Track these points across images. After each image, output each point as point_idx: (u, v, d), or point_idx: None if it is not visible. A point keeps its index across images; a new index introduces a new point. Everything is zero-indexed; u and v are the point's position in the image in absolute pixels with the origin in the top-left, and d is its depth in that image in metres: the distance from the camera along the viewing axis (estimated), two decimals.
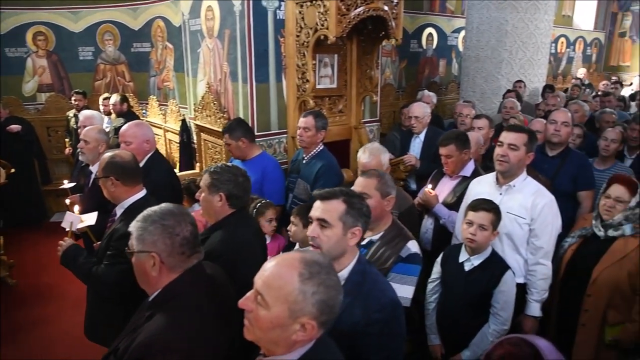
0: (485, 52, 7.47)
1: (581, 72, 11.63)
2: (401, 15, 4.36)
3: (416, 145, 4.67)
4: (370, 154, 3.17)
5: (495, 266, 2.67)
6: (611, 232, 2.81)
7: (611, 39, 14.47)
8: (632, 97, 8.22)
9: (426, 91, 5.95)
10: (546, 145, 3.79)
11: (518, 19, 7.23)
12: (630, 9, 14.06)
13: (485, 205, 2.66)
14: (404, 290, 2.39)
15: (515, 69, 7.38)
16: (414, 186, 4.57)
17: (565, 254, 3.02)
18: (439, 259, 2.96)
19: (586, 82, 11.04)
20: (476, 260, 2.70)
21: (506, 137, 2.87)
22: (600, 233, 2.85)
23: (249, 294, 1.37)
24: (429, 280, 2.98)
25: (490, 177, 3.06)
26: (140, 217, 1.73)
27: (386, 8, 4.16)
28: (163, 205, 1.78)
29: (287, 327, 1.32)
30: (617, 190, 2.79)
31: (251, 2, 4.25)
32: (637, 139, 4.17)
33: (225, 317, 1.73)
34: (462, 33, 8.79)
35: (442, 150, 3.41)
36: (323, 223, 1.89)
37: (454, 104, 7.57)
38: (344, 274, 1.88)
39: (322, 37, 4.01)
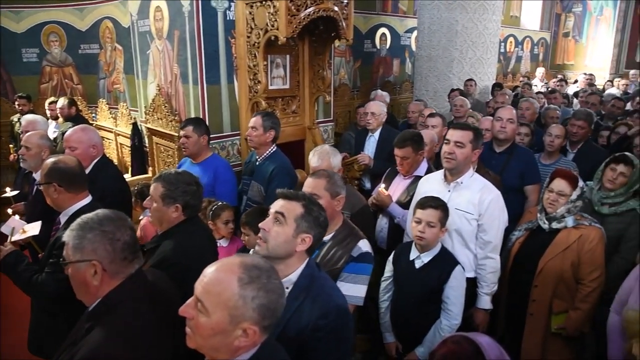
0: (437, 52, 7.62)
1: (539, 72, 12.02)
2: (351, 16, 4.38)
3: (371, 144, 4.70)
4: (319, 157, 3.15)
5: (445, 262, 2.72)
6: (555, 225, 2.91)
7: (556, 39, 15.07)
8: (576, 94, 8.55)
9: (379, 91, 6.02)
10: (494, 142, 3.89)
11: (467, 19, 7.41)
12: (572, 10, 14.66)
13: (432, 202, 2.70)
14: (357, 290, 2.40)
15: (466, 68, 7.56)
16: (368, 185, 4.60)
17: (513, 247, 3.11)
18: (390, 258, 2.99)
19: (545, 81, 11.39)
20: (426, 257, 2.74)
21: (452, 134, 2.91)
22: (545, 226, 2.94)
23: (189, 301, 1.34)
24: (382, 279, 3.00)
25: (439, 174, 3.11)
26: (75, 225, 1.66)
27: (336, 9, 4.17)
28: (99, 211, 1.71)
29: (228, 333, 1.30)
30: (559, 184, 2.88)
31: (200, 2, 4.18)
32: (578, 135, 4.33)
33: (169, 324, 1.68)
34: (415, 33, 8.93)
35: (399, 152, 3.44)
36: (279, 217, 1.86)
37: (408, 103, 7.69)
38: (292, 277, 1.87)
39: (272, 37, 3.99)
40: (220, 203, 3.34)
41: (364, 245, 2.46)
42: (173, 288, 1.92)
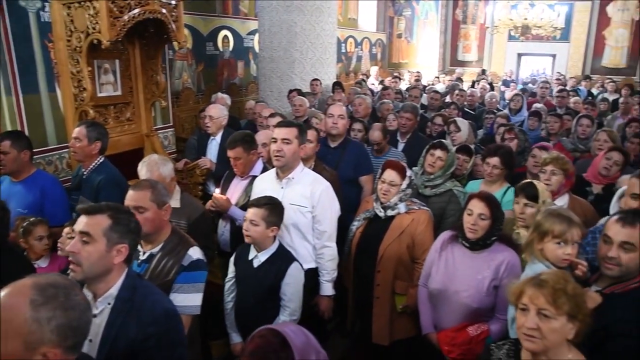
0: (278, 53, 7.75)
1: (374, 71, 12.84)
2: (182, 18, 4.27)
3: (213, 147, 4.64)
4: (148, 168, 3.01)
5: (282, 260, 2.77)
6: (389, 212, 3.12)
7: (391, 40, 16.30)
8: (408, 89, 9.32)
9: (219, 94, 5.97)
10: (328, 137, 4.08)
11: (305, 21, 7.64)
12: (403, 14, 16.01)
13: (255, 202, 2.76)
14: (192, 299, 2.35)
15: (307, 68, 7.80)
16: (213, 189, 4.53)
17: (354, 236, 3.27)
18: (232, 259, 2.99)
19: (380, 79, 12.20)
20: (263, 256, 2.77)
21: (279, 132, 2.98)
22: (381, 214, 3.14)
23: None
24: (226, 280, 2.99)
25: (271, 173, 3.16)
26: None
27: (164, 11, 4.03)
28: None
29: None
30: (389, 175, 3.09)
31: (4, 1, 3.75)
32: (406, 126, 4.72)
33: None
34: (257, 35, 9.02)
35: (230, 153, 3.43)
36: (85, 237, 1.75)
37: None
38: (112, 292, 1.78)
39: (95, 41, 3.72)
40: (31, 219, 3.04)
41: (195, 253, 2.42)
42: None
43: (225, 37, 9.23)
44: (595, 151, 4.29)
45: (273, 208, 2.72)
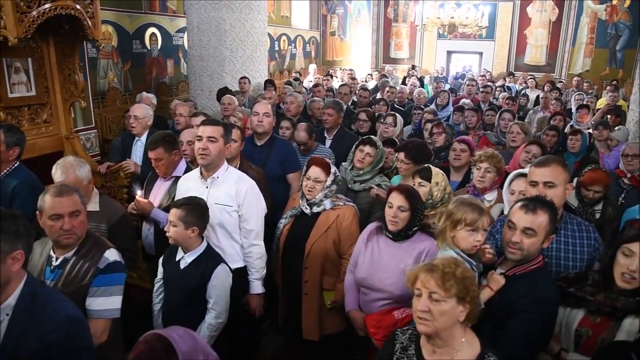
0: (208, 51, 7.63)
1: (312, 68, 12.86)
2: (98, 14, 4.10)
3: (138, 148, 4.48)
4: (62, 172, 2.87)
5: (209, 261, 2.74)
6: (315, 209, 3.13)
7: (325, 37, 16.43)
8: (339, 87, 9.43)
9: (144, 93, 5.79)
10: (254, 136, 4.05)
11: (234, 18, 7.56)
12: (336, 12, 16.17)
13: (174, 202, 2.74)
14: (111, 302, 2.29)
15: (237, 66, 7.72)
16: (139, 192, 4.40)
17: (282, 234, 3.27)
18: (161, 260, 2.94)
19: (317, 77, 12.21)
20: (189, 257, 2.73)
21: (204, 130, 2.93)
22: (307, 211, 3.15)
23: None
24: (155, 281, 2.94)
25: (195, 172, 3.11)
26: None
27: (78, 6, 3.86)
28: None
29: None
30: (314, 172, 3.11)
31: None
32: (329, 122, 4.77)
33: None
34: (186, 33, 8.83)
35: (151, 154, 3.35)
36: None
37: None
38: (10, 301, 1.71)
39: (1, 38, 3.50)
40: None
41: (112, 255, 2.34)
42: None
43: (153, 34, 8.97)
44: (510, 143, 4.51)
45: (191, 209, 2.67)
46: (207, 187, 3.00)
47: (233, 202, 2.97)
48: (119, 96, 8.09)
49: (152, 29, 8.92)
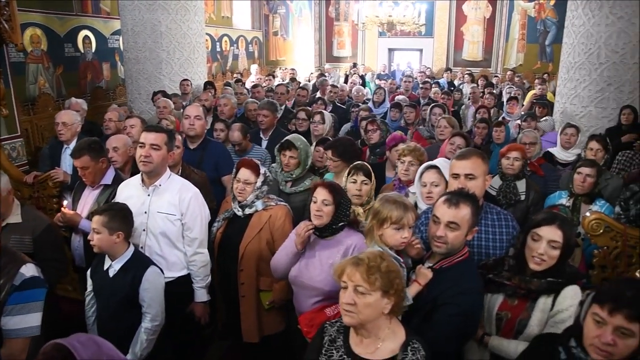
0: (144, 54, 7.48)
1: (254, 69, 12.76)
2: (16, 16, 3.94)
3: (67, 157, 4.33)
4: None
5: (137, 266, 2.69)
6: (247, 210, 3.12)
7: (268, 37, 16.38)
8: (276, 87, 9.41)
9: (74, 98, 5.58)
10: (187, 139, 4.01)
11: (170, 20, 7.43)
12: (278, 11, 16.15)
13: (95, 209, 2.70)
14: (29, 320, 2.17)
15: (175, 69, 7.60)
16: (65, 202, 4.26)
17: (215, 237, 3.24)
18: (89, 271, 2.87)
19: (259, 76, 12.14)
20: (117, 265, 2.68)
21: (147, 137, 2.87)
22: (239, 213, 3.14)
23: None
24: (86, 294, 2.87)
25: (137, 179, 3.04)
26: None
27: None
28: None
29: None
30: (244, 173, 3.09)
31: None
32: (264, 122, 4.78)
33: None
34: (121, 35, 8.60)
35: (77, 163, 3.25)
36: None
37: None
38: None
39: None
40: None
41: (29, 270, 2.23)
42: None
43: (86, 37, 8.68)
44: (438, 136, 4.67)
45: (114, 213, 2.63)
46: (148, 195, 2.94)
47: (176, 210, 2.93)
48: (51, 102, 7.78)
49: (85, 32, 8.63)
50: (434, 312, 2.14)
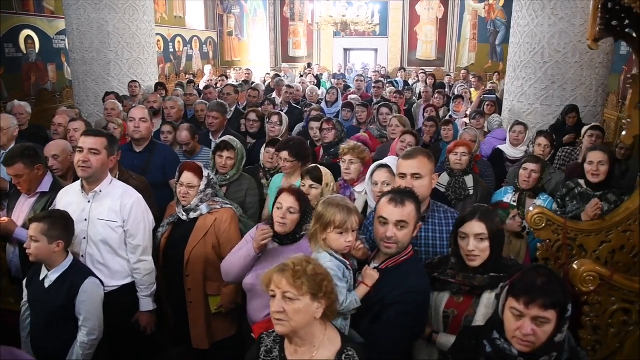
0: (91, 55, 7.27)
1: (207, 69, 12.53)
2: None
3: None
4: None
5: (75, 276, 2.59)
6: (192, 214, 3.06)
7: (222, 38, 16.16)
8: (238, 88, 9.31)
9: (16, 101, 5.34)
10: (132, 142, 3.90)
11: (118, 20, 7.25)
12: (232, 11, 15.97)
13: (34, 217, 2.61)
14: None
15: (124, 70, 7.41)
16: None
17: (160, 243, 3.17)
18: (25, 281, 2.75)
19: (212, 78, 11.95)
20: (54, 275, 2.58)
21: (85, 142, 2.77)
22: (184, 217, 3.08)
23: None
24: (21, 305, 2.76)
25: (76, 185, 2.93)
26: None
27: None
28: None
29: None
30: (186, 177, 3.03)
31: None
32: (214, 124, 4.71)
33: None
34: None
35: (9, 171, 3.10)
36: None
37: None
38: None
39: None
40: None
41: None
42: None
43: (29, 37, 8.32)
44: (390, 135, 4.71)
45: (55, 221, 2.53)
46: (89, 202, 2.84)
47: (118, 217, 2.84)
48: None
49: (27, 31, 8.27)
50: (383, 312, 2.14)
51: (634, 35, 2.74)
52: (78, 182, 2.94)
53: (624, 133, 2.87)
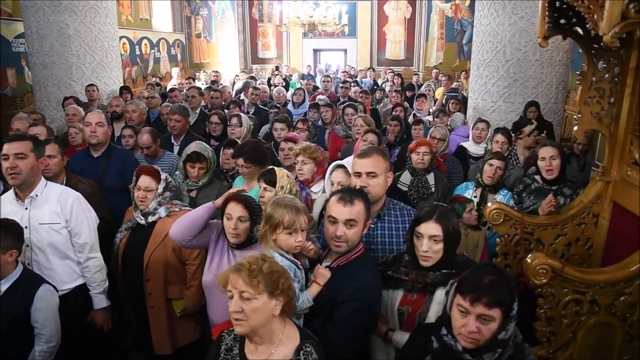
0: (52, 58, 7.11)
1: (175, 72, 12.39)
2: None
3: None
4: None
5: (28, 284, 2.53)
6: (150, 218, 3.03)
7: (190, 40, 16.01)
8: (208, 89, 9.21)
9: None
10: (90, 147, 3.83)
11: (79, 22, 7.11)
12: (200, 13, 15.83)
13: None
14: None
15: (87, 74, 7.28)
16: None
17: (119, 248, 3.13)
18: None
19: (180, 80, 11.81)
20: (4, 285, 2.49)
21: (9, 148, 2.70)
22: (142, 221, 3.03)
23: None
24: None
25: (10, 194, 2.86)
26: None
27: None
28: None
29: None
30: (144, 181, 3.00)
31: None
32: (176, 128, 4.65)
33: None
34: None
35: None
36: None
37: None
38: None
39: None
40: None
41: None
42: None
43: None
44: (355, 135, 4.73)
45: (7, 230, 2.47)
46: (26, 209, 2.77)
47: (60, 218, 2.80)
48: None
49: None
50: (335, 311, 2.14)
51: (581, 32, 2.80)
52: (11, 191, 2.86)
53: (575, 128, 2.94)
